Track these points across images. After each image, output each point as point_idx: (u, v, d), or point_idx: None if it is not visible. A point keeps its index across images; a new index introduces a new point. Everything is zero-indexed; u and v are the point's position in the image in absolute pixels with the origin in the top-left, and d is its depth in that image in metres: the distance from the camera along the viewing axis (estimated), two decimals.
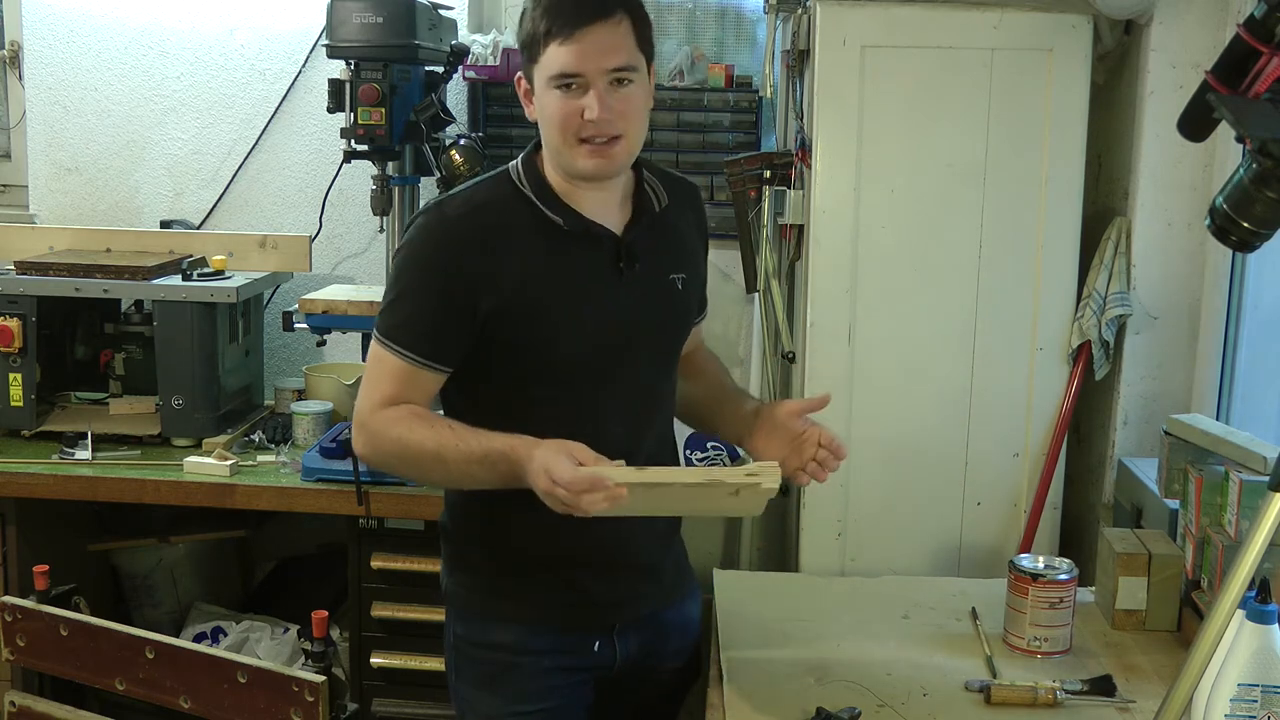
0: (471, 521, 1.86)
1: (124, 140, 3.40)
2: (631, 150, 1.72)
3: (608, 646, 1.86)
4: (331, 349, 3.30)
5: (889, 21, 2.51)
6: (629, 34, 1.67)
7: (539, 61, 1.67)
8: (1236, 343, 2.48)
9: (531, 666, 1.82)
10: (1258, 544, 1.31)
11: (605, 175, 1.72)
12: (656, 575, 1.90)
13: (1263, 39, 1.34)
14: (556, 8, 1.64)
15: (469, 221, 1.71)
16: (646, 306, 1.79)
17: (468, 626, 1.86)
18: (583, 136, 1.67)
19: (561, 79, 1.65)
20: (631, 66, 1.67)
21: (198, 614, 3.11)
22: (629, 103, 1.68)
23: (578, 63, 1.63)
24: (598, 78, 1.64)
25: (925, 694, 1.80)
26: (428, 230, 1.73)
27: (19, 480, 2.68)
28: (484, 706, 1.84)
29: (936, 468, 2.62)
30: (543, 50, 1.65)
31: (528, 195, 1.74)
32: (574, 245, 1.74)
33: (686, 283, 1.85)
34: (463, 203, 1.75)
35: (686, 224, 1.89)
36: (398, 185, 3.01)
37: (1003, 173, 2.54)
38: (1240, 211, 1.36)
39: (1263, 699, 1.48)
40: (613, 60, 1.64)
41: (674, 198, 1.85)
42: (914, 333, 2.59)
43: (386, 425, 1.70)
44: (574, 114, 1.65)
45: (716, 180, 3.18)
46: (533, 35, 1.67)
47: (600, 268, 1.75)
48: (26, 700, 1.88)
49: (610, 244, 1.76)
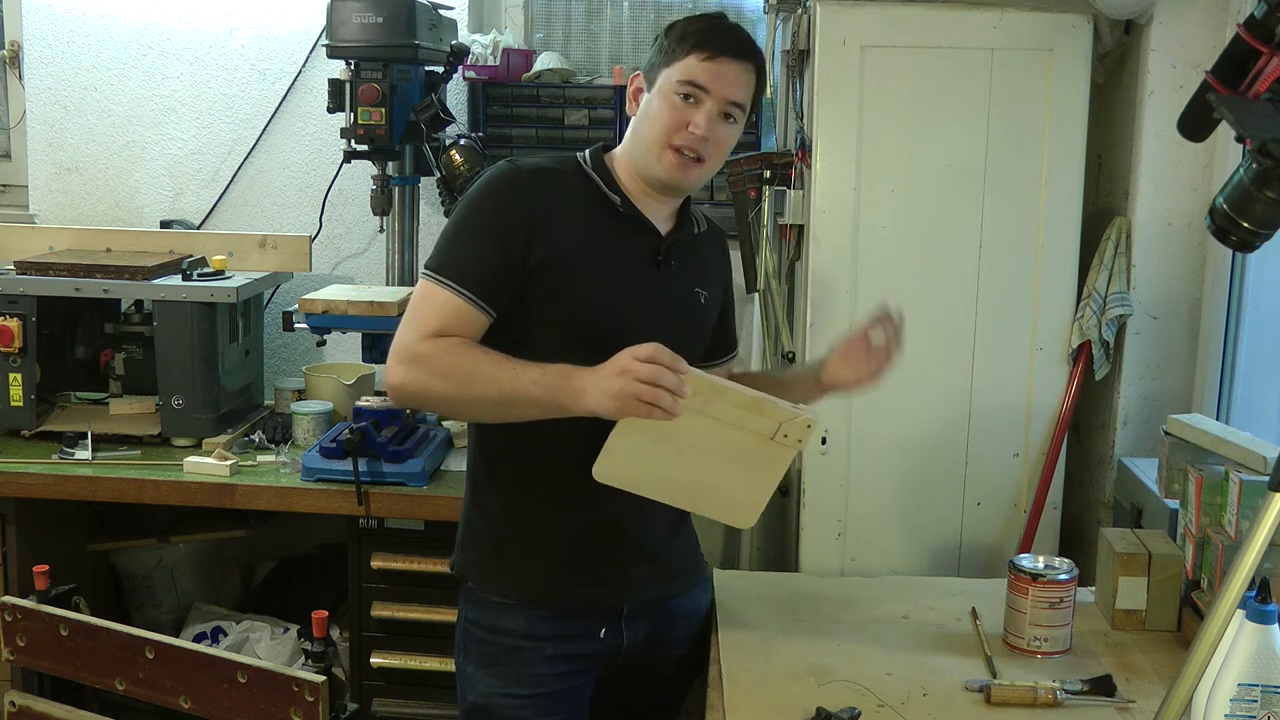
0: (484, 509, 1.92)
1: (124, 140, 3.40)
2: (705, 175, 1.87)
3: (614, 633, 1.90)
4: (331, 349, 3.31)
5: (889, 21, 2.51)
6: (752, 83, 1.84)
7: (673, 65, 1.80)
8: (1236, 343, 2.48)
9: (534, 652, 1.86)
10: (1258, 544, 1.31)
11: (676, 188, 1.86)
12: (664, 562, 1.95)
13: (1263, 39, 1.34)
14: (712, 30, 1.81)
15: (537, 176, 1.83)
16: (672, 304, 1.90)
17: (478, 610, 1.91)
18: (676, 144, 1.80)
19: (689, 87, 1.79)
20: (742, 107, 1.83)
21: (198, 614, 3.11)
22: (725, 136, 1.83)
23: (709, 80, 1.78)
24: (716, 101, 1.79)
25: (925, 694, 1.80)
26: (498, 176, 1.83)
27: (19, 480, 2.67)
28: (482, 686, 1.90)
29: (936, 468, 2.62)
30: (682, 58, 1.80)
31: (591, 174, 1.87)
32: (622, 228, 1.86)
33: (708, 300, 1.98)
34: (534, 163, 1.87)
35: (715, 256, 2.04)
36: (398, 185, 3.02)
37: (1003, 173, 2.54)
38: (1240, 211, 1.36)
39: (1263, 699, 1.48)
40: (735, 94, 1.81)
41: (710, 230, 2.03)
42: (914, 333, 2.58)
43: (439, 350, 1.73)
44: (681, 122, 1.79)
45: (716, 180, 3.18)
46: (679, 42, 1.81)
47: (640, 256, 1.88)
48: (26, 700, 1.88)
49: (654, 239, 1.89)
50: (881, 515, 2.63)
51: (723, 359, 2.09)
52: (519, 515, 1.88)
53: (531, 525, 1.88)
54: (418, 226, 3.12)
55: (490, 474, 1.90)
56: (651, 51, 1.86)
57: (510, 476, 1.88)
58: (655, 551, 1.94)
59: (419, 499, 2.60)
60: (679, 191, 1.88)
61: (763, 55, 1.88)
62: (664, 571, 1.96)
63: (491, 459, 1.90)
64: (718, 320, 2.04)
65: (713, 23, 1.83)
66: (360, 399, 2.84)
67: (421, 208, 3.14)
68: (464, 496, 1.97)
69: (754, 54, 1.84)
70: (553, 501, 1.86)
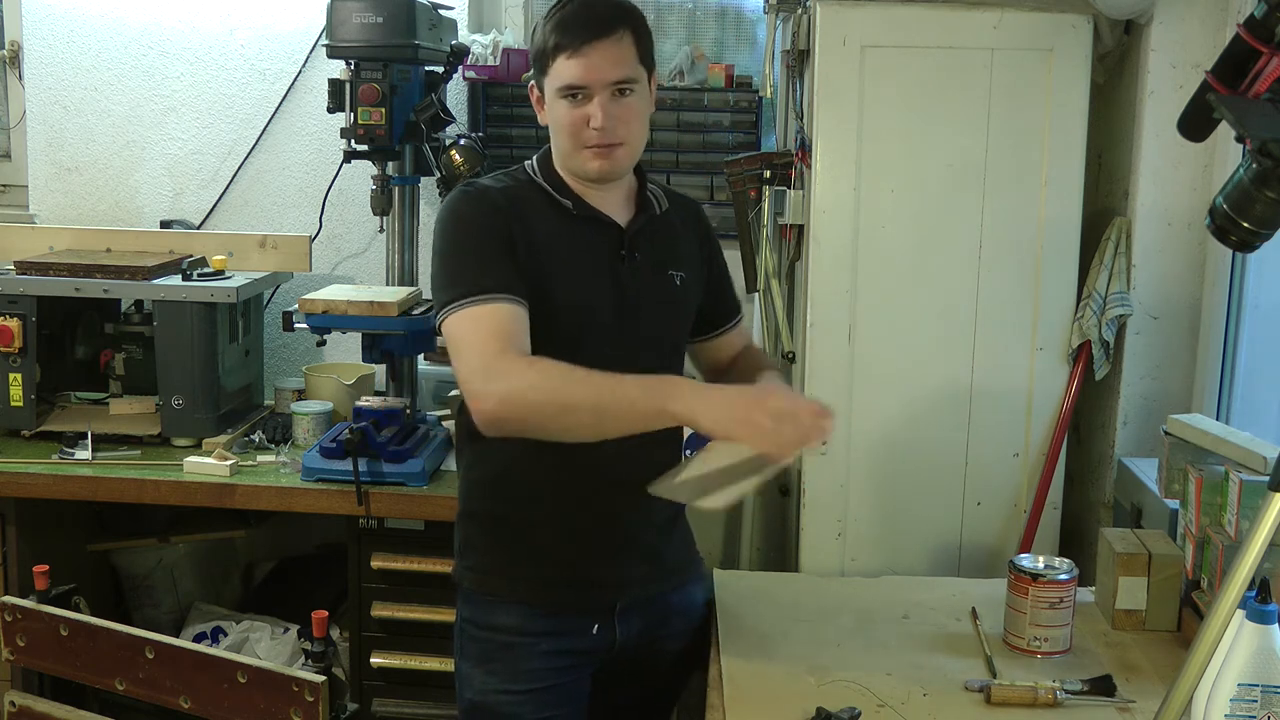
0: (479, 508, 1.93)
1: (124, 140, 3.40)
2: (633, 153, 1.86)
3: (607, 629, 1.91)
4: (331, 349, 3.31)
5: (889, 21, 2.51)
6: (631, 48, 1.80)
7: (548, 73, 1.81)
8: (1236, 343, 2.48)
9: (528, 648, 1.87)
10: (1258, 544, 1.31)
11: (610, 176, 1.86)
12: (658, 558, 1.96)
13: (1263, 39, 1.34)
14: (564, 24, 1.78)
15: (498, 194, 1.85)
16: (645, 295, 1.89)
17: (473, 608, 1.92)
18: (588, 143, 1.80)
19: (568, 90, 1.78)
20: (632, 79, 1.80)
21: (198, 614, 3.11)
22: (630, 111, 1.81)
23: (583, 75, 1.77)
24: (601, 89, 1.78)
25: (925, 694, 1.80)
26: (467, 198, 1.84)
27: (19, 480, 2.67)
28: (479, 683, 1.90)
29: (936, 468, 2.62)
30: (552, 63, 1.79)
31: (541, 184, 1.88)
32: (582, 229, 1.86)
33: (686, 280, 1.95)
34: (489, 180, 1.89)
35: (686, 231, 2.01)
36: (398, 185, 3.01)
37: (1003, 173, 2.54)
38: (1240, 211, 1.36)
39: (1263, 699, 1.48)
40: (615, 74, 1.78)
41: (674, 206, 2.00)
42: (914, 333, 2.59)
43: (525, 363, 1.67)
44: (580, 122, 1.79)
45: (716, 180, 3.19)
46: (543, 49, 1.81)
47: (604, 253, 1.87)
48: (26, 700, 1.88)
49: (614, 233, 1.88)
50: (882, 515, 2.63)
51: (725, 327, 2.07)
52: (511, 514, 1.89)
53: (524, 523, 1.88)
54: (418, 226, 3.12)
55: (481, 475, 1.91)
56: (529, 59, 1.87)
57: (503, 476, 1.88)
58: (650, 549, 1.94)
59: (419, 499, 2.60)
60: (616, 177, 1.87)
61: (629, 9, 1.82)
62: (659, 569, 1.96)
63: (482, 459, 1.90)
64: (708, 292, 2.02)
65: (564, 14, 1.79)
66: (360, 399, 2.84)
67: (421, 208, 3.14)
68: (458, 502, 1.97)
69: (616, 21, 1.78)
70: (545, 500, 1.86)
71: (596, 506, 1.86)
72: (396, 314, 2.68)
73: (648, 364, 1.85)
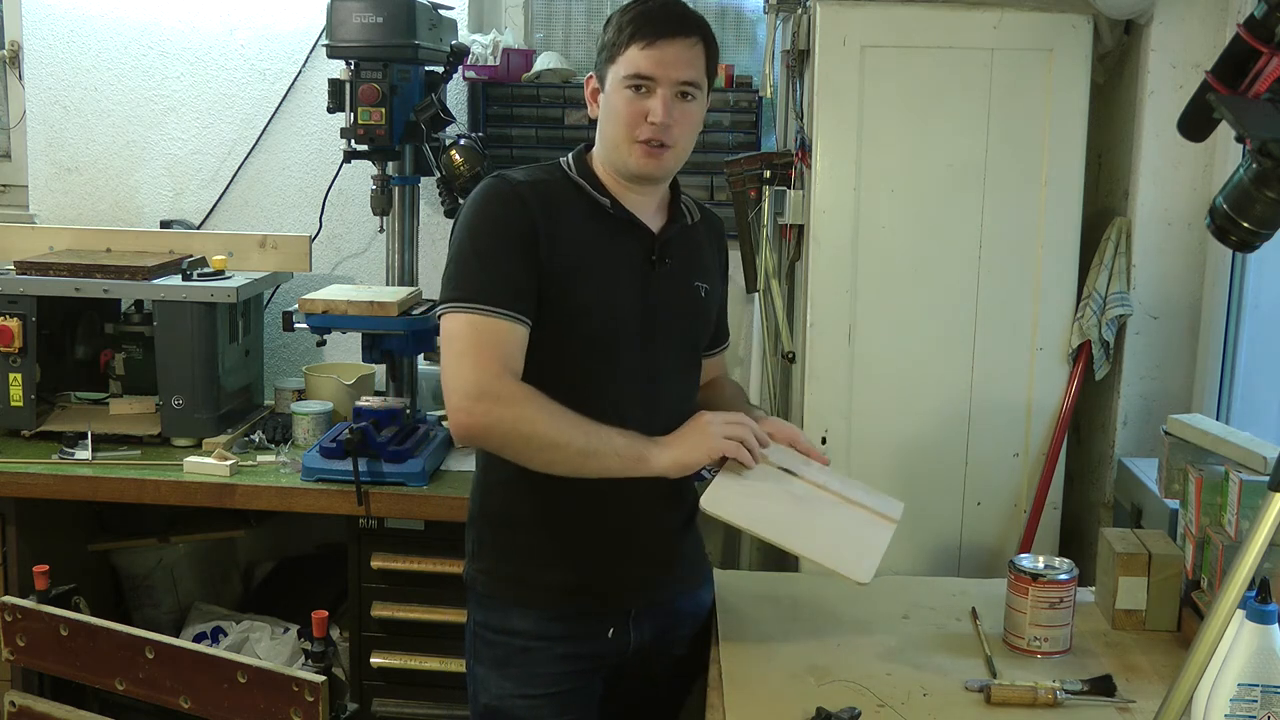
0: (492, 513, 1.92)
1: (124, 140, 3.40)
2: (679, 160, 1.86)
3: (622, 633, 1.91)
4: (331, 349, 3.30)
5: (889, 21, 2.51)
6: (700, 55, 1.81)
7: (617, 61, 1.80)
8: (1236, 342, 2.48)
9: (544, 652, 1.87)
10: (1258, 544, 1.31)
11: (652, 177, 1.85)
12: (670, 564, 1.96)
13: (1263, 39, 1.34)
14: (644, 16, 1.79)
15: (530, 189, 1.82)
16: (672, 301, 1.90)
17: (487, 613, 1.91)
18: (641, 138, 1.79)
19: (636, 79, 1.78)
20: (697, 84, 1.81)
21: (198, 614, 3.11)
22: (687, 116, 1.82)
23: (653, 68, 1.77)
24: (667, 85, 1.78)
25: (925, 694, 1.80)
26: (496, 192, 1.81)
27: (19, 480, 2.67)
28: (495, 688, 1.90)
29: (936, 467, 2.62)
30: (623, 51, 1.79)
31: (577, 181, 1.86)
32: (615, 230, 1.86)
33: (708, 293, 1.97)
34: (522, 174, 1.85)
35: (710, 246, 2.02)
36: (398, 185, 3.01)
37: (1003, 173, 2.54)
38: (1240, 211, 1.36)
39: (1263, 699, 1.48)
40: (684, 73, 1.79)
41: (704, 220, 2.00)
42: (914, 333, 2.59)
43: (524, 393, 1.71)
44: (639, 115, 1.79)
45: (716, 180, 3.18)
46: (617, 37, 1.80)
47: (635, 257, 1.87)
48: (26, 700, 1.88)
49: (646, 238, 1.88)
50: None
51: (712, 352, 2.09)
52: (528, 517, 1.88)
53: (540, 528, 1.87)
54: (418, 226, 3.12)
55: (497, 478, 1.90)
56: (597, 49, 1.86)
57: (517, 480, 1.85)
58: (665, 553, 1.94)
59: (419, 499, 2.60)
60: (657, 180, 1.87)
61: (705, 23, 1.84)
62: (673, 573, 1.97)
63: (498, 464, 1.89)
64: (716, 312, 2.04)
65: (645, 8, 1.80)
66: (360, 399, 2.84)
67: (421, 208, 3.14)
68: (470, 505, 1.96)
69: (694, 26, 1.81)
70: (561, 504, 1.85)
71: (613, 511, 1.85)
72: (396, 314, 2.68)
73: (669, 370, 1.90)
